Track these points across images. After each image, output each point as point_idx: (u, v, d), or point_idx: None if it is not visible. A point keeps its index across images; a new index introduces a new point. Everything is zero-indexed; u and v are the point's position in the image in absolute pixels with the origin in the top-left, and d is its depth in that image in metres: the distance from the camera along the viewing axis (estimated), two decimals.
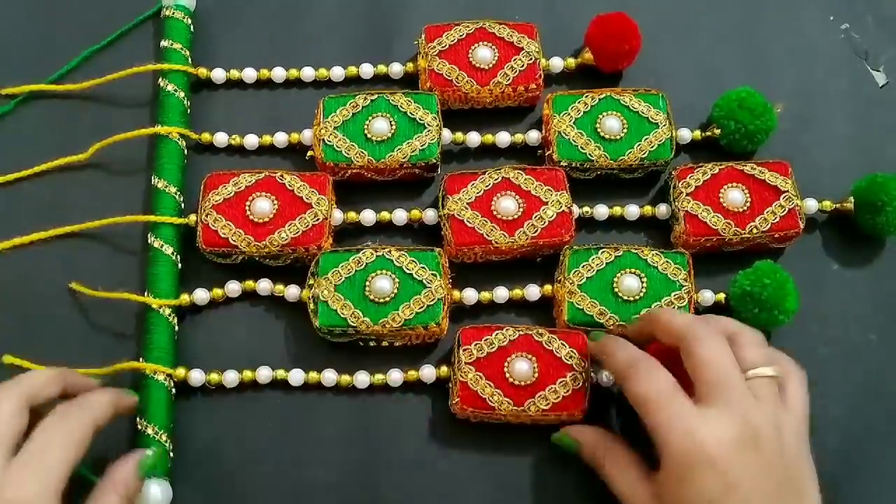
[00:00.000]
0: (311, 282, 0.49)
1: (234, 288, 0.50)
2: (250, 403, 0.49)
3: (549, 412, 0.46)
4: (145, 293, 0.49)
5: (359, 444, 0.48)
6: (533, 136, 0.54)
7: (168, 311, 0.49)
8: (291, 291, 0.50)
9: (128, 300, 0.49)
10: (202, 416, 0.48)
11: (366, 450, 0.48)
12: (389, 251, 0.49)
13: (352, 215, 0.51)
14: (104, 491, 0.41)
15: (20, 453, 0.38)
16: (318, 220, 0.49)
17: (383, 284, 0.48)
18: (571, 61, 0.56)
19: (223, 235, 0.49)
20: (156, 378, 0.47)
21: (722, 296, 0.50)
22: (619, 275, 0.49)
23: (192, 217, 0.50)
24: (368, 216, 0.52)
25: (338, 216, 0.51)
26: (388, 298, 0.48)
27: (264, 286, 0.50)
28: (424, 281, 0.48)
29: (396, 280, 0.48)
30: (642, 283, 0.49)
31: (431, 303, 0.48)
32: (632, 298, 0.49)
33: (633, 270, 0.49)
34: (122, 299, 0.49)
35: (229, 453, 0.48)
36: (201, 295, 0.50)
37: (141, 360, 0.48)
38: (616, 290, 0.49)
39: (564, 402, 0.46)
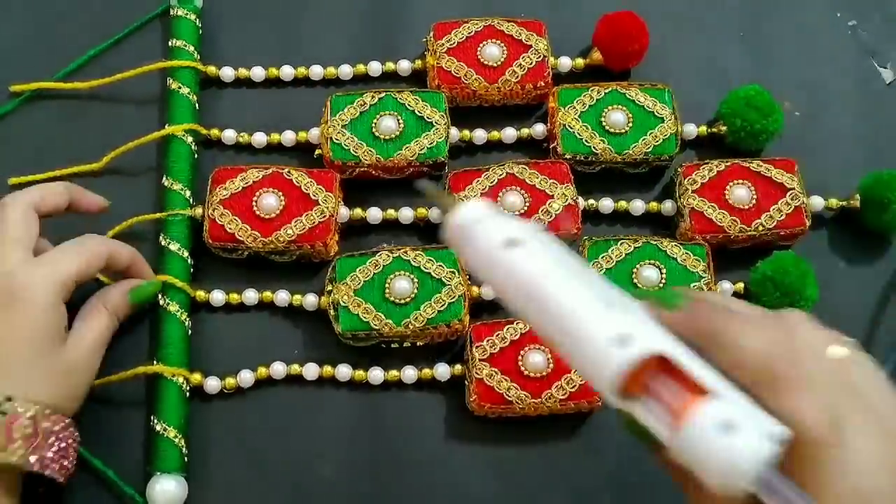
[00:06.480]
0: (330, 288, 0.49)
1: (251, 296, 0.50)
2: (264, 400, 0.49)
3: (566, 402, 0.46)
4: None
5: (372, 441, 0.48)
6: (538, 129, 0.54)
7: (180, 309, 0.49)
8: (310, 300, 0.49)
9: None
10: (216, 413, 0.48)
11: (379, 447, 0.48)
12: (405, 251, 0.49)
13: (358, 213, 0.51)
14: (94, 304, 0.45)
15: (38, 258, 0.43)
16: (324, 217, 0.49)
17: (403, 285, 0.48)
18: (580, 61, 0.55)
19: (230, 230, 0.49)
20: (170, 377, 0.47)
21: (741, 285, 0.50)
22: (638, 266, 0.49)
23: (198, 210, 0.50)
24: (375, 214, 0.51)
25: (344, 213, 0.51)
26: (408, 299, 0.48)
27: (282, 297, 0.50)
28: (444, 279, 0.48)
29: (415, 280, 0.48)
30: (661, 274, 0.49)
31: (453, 300, 0.48)
32: (651, 289, 0.48)
33: (652, 262, 0.49)
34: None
35: (243, 450, 0.48)
36: (217, 296, 0.50)
37: (154, 360, 0.48)
38: (635, 281, 0.49)
39: (582, 390, 0.46)
